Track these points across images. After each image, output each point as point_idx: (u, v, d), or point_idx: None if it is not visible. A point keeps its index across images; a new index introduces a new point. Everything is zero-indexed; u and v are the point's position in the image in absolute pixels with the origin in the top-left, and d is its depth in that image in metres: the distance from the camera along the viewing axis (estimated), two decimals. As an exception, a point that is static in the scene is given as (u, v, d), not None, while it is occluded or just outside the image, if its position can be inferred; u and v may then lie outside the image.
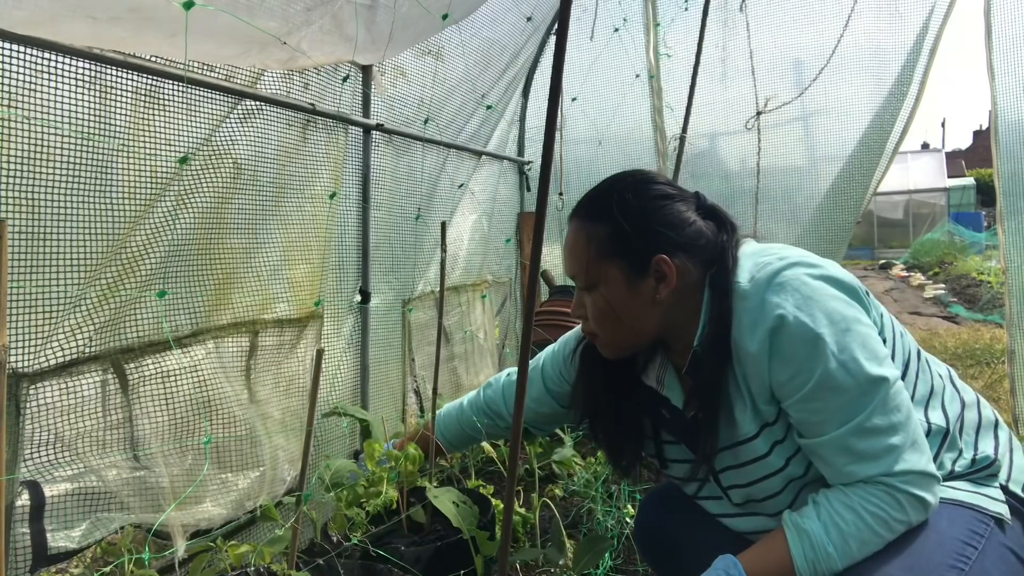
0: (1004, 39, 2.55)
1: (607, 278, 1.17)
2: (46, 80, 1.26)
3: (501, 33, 2.75)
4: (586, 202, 1.23)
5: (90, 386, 1.39)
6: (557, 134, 3.36)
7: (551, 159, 1.05)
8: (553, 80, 1.03)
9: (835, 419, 1.05)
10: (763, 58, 3.15)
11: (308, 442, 1.45)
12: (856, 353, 1.04)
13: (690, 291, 1.16)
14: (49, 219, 1.28)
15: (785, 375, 1.07)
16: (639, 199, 1.17)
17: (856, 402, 1.04)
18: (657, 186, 1.20)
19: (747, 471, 1.18)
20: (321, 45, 1.72)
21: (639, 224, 1.15)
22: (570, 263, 1.24)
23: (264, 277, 1.81)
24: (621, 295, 1.16)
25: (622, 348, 1.24)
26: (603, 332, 1.21)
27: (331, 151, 2.03)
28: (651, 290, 1.15)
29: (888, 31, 2.94)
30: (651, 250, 1.14)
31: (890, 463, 1.03)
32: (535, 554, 1.85)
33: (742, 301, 1.10)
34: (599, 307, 1.18)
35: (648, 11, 3.23)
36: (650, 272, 1.15)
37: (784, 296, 1.06)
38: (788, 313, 1.05)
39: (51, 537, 1.32)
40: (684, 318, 1.18)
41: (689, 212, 1.18)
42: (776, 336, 1.06)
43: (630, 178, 1.22)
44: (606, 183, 1.25)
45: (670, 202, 1.18)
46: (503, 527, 1.12)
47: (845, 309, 1.07)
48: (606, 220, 1.17)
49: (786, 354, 1.06)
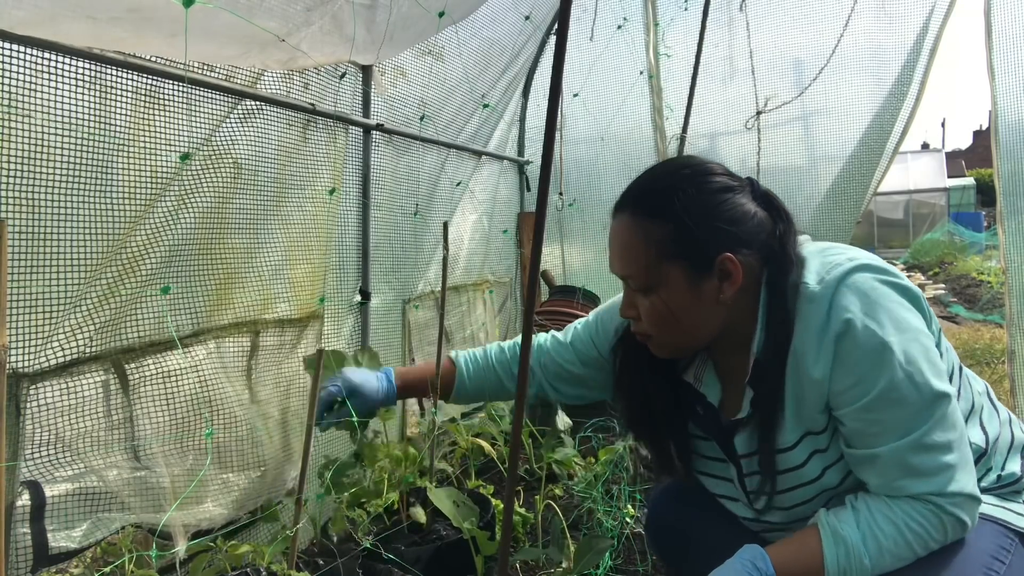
0: (1004, 39, 2.55)
1: (667, 281, 1.10)
2: (46, 80, 1.26)
3: (501, 33, 2.75)
4: (640, 197, 1.14)
5: (91, 386, 1.39)
6: (557, 134, 3.37)
7: (551, 159, 1.05)
8: (553, 80, 1.03)
9: (894, 432, 1.01)
10: (763, 58, 3.15)
11: (308, 442, 1.45)
12: (922, 365, 1.00)
13: (750, 290, 1.11)
14: (49, 219, 1.28)
15: (846, 383, 1.02)
16: (701, 194, 1.09)
17: (917, 416, 1.00)
18: (717, 178, 1.12)
19: (779, 480, 1.14)
20: (321, 45, 1.72)
21: (703, 222, 1.08)
22: (622, 263, 1.15)
23: (265, 277, 1.81)
24: (683, 298, 1.10)
25: (679, 350, 1.18)
26: (660, 334, 1.14)
27: (331, 151, 2.03)
28: (715, 290, 1.09)
29: (888, 31, 2.94)
30: (716, 248, 1.07)
31: (943, 483, 1.00)
32: (535, 554, 1.85)
33: (809, 303, 1.05)
34: (658, 310, 1.11)
35: (648, 11, 3.23)
36: (714, 271, 1.08)
37: (852, 300, 1.01)
38: (856, 318, 1.00)
39: (52, 537, 1.32)
40: (739, 317, 1.12)
41: (749, 203, 1.11)
42: (842, 341, 1.01)
43: (688, 170, 1.14)
44: (661, 176, 1.16)
45: (731, 195, 1.11)
46: (503, 527, 1.12)
47: (912, 319, 1.03)
48: (668, 218, 1.09)
49: (850, 361, 1.01)
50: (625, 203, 1.16)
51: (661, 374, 1.25)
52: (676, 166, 1.17)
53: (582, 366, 1.43)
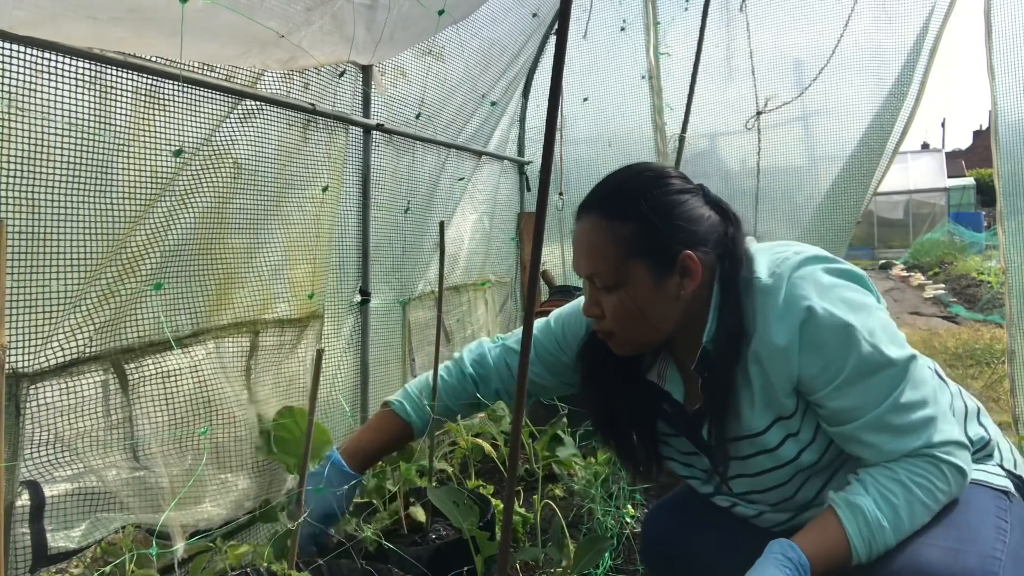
0: (1004, 39, 2.55)
1: (633, 278, 1.15)
2: (46, 80, 1.25)
3: (501, 33, 2.75)
4: (605, 198, 1.20)
5: (90, 386, 1.39)
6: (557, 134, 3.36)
7: (551, 159, 1.05)
8: (553, 80, 1.03)
9: (872, 400, 1.06)
10: (763, 58, 3.15)
11: (308, 442, 1.45)
12: (881, 335, 1.07)
13: (704, 286, 1.17)
14: (49, 219, 1.28)
15: (817, 367, 1.08)
16: (664, 195, 1.16)
17: (890, 381, 1.06)
18: (674, 181, 1.19)
19: (752, 463, 1.19)
20: (321, 45, 1.72)
21: (666, 221, 1.14)
22: (587, 263, 1.20)
23: (264, 277, 1.81)
24: (647, 294, 1.15)
25: (640, 346, 1.23)
26: (623, 331, 1.19)
27: (331, 151, 2.03)
28: (676, 286, 1.15)
29: (888, 31, 2.94)
30: (678, 246, 1.14)
31: (930, 434, 1.05)
32: (535, 554, 1.85)
33: (765, 296, 1.11)
34: (624, 307, 1.16)
35: (648, 11, 3.23)
36: (676, 268, 1.14)
37: (807, 287, 1.08)
38: (815, 304, 1.06)
39: (51, 537, 1.32)
40: (695, 313, 1.18)
41: (702, 207, 1.18)
42: (806, 327, 1.07)
43: (649, 172, 1.20)
44: (623, 179, 1.22)
45: (689, 196, 1.18)
46: (503, 527, 1.12)
47: (863, 298, 1.10)
48: (634, 218, 1.15)
49: (817, 344, 1.07)
50: (591, 205, 1.21)
51: (626, 376, 1.29)
52: (638, 170, 1.22)
53: (550, 376, 1.47)
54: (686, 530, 1.39)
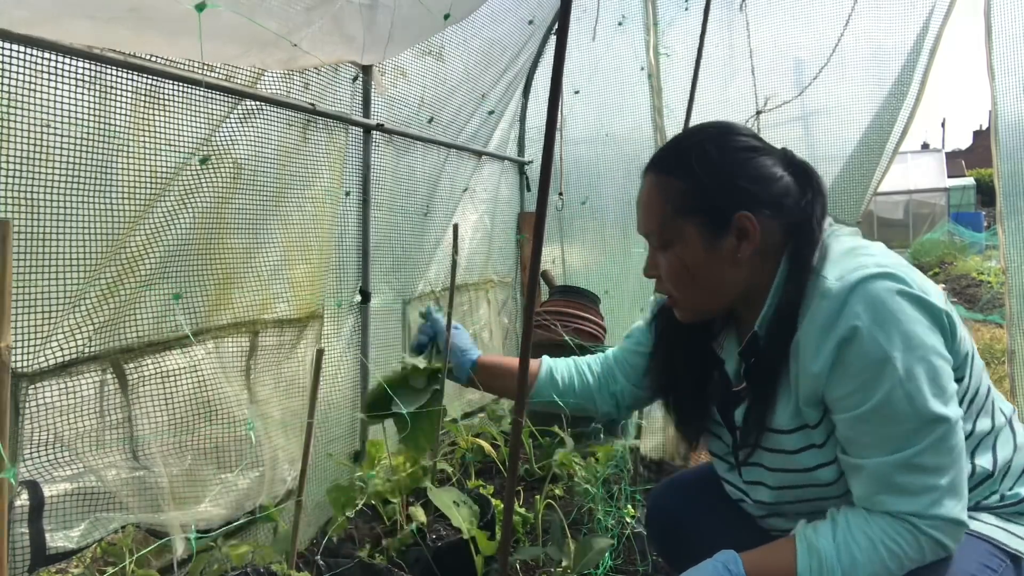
0: (1004, 39, 2.55)
1: (683, 237, 1.10)
2: (46, 80, 1.25)
3: (502, 33, 2.75)
4: (662, 154, 1.17)
5: (89, 386, 1.39)
6: (557, 134, 3.36)
7: (551, 159, 1.05)
8: (553, 80, 1.03)
9: (884, 446, 0.99)
10: (763, 57, 3.15)
11: (308, 442, 1.45)
12: (923, 384, 0.96)
13: (770, 256, 1.10)
14: (49, 219, 1.28)
15: (844, 390, 1.01)
16: (721, 151, 1.10)
17: (910, 436, 0.98)
18: (741, 137, 1.12)
19: (771, 457, 1.15)
20: (321, 45, 1.72)
21: (720, 178, 1.08)
22: (643, 220, 1.16)
23: (264, 277, 1.81)
24: (698, 255, 1.10)
25: (699, 311, 1.17)
26: (679, 293, 1.15)
27: (331, 151, 2.03)
28: (732, 249, 1.08)
29: (888, 31, 2.94)
30: (733, 206, 1.07)
31: (925, 504, 0.98)
32: (535, 554, 1.85)
33: (822, 299, 1.02)
34: (674, 267, 1.12)
35: (648, 11, 3.22)
36: (731, 230, 1.08)
37: (865, 307, 0.98)
38: (864, 326, 0.97)
39: (50, 537, 1.32)
40: (758, 285, 1.11)
41: (775, 167, 1.10)
42: (845, 347, 0.99)
43: (712, 128, 1.15)
44: (685, 133, 1.18)
45: (755, 155, 1.10)
46: (503, 527, 1.12)
47: (925, 335, 0.98)
48: (684, 174, 1.10)
49: (851, 369, 0.99)
50: (650, 163, 1.17)
51: (693, 340, 1.25)
52: (702, 126, 1.17)
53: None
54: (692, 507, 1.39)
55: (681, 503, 1.42)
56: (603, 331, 3.10)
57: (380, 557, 1.64)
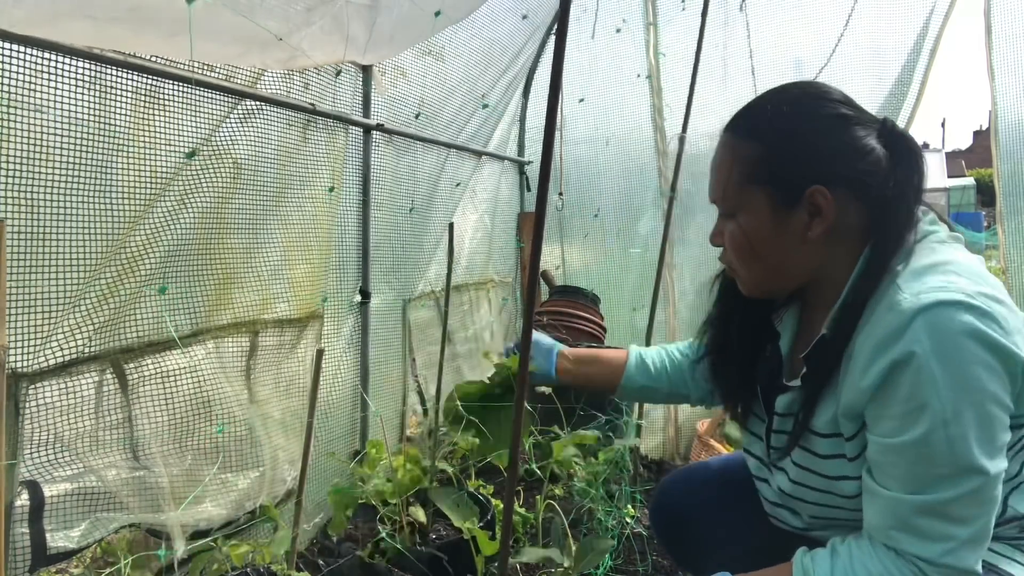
0: (1004, 38, 2.55)
1: (749, 206, 1.02)
2: (46, 80, 1.25)
3: (501, 33, 2.75)
4: (738, 117, 1.08)
5: (89, 386, 1.39)
6: (557, 134, 3.36)
7: (551, 159, 1.04)
8: (553, 80, 1.03)
9: (910, 483, 0.91)
10: (763, 58, 3.15)
11: (308, 442, 1.45)
12: (969, 431, 0.87)
13: (846, 242, 1.00)
14: (49, 219, 1.28)
15: (884, 413, 0.92)
16: (803, 118, 1.00)
17: (941, 481, 0.89)
18: (828, 103, 1.01)
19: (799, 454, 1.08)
20: (321, 45, 1.72)
21: (796, 146, 0.99)
22: (712, 184, 1.09)
23: (264, 277, 1.81)
24: (763, 228, 1.01)
25: (761, 288, 1.09)
26: (740, 266, 1.08)
27: (331, 151, 2.03)
28: (801, 226, 0.99)
29: (888, 31, 2.94)
30: (807, 179, 0.97)
31: (939, 552, 0.89)
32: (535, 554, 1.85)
33: (888, 311, 0.92)
34: (737, 239, 1.04)
35: (648, 11, 3.22)
36: (803, 204, 0.98)
37: (930, 335, 0.87)
38: (921, 353, 0.87)
39: (50, 537, 1.32)
40: (831, 269, 1.02)
41: (869, 138, 0.98)
42: (897, 371, 0.89)
43: (796, 90, 1.05)
44: (767, 93, 1.07)
45: (843, 123, 0.99)
46: (503, 527, 1.12)
47: (986, 379, 0.88)
48: (757, 138, 1.02)
49: (896, 394, 0.90)
50: (728, 123, 1.09)
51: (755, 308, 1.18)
52: (788, 87, 1.07)
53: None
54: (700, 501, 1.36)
55: (689, 496, 1.40)
56: (603, 331, 3.10)
57: (380, 557, 1.64)
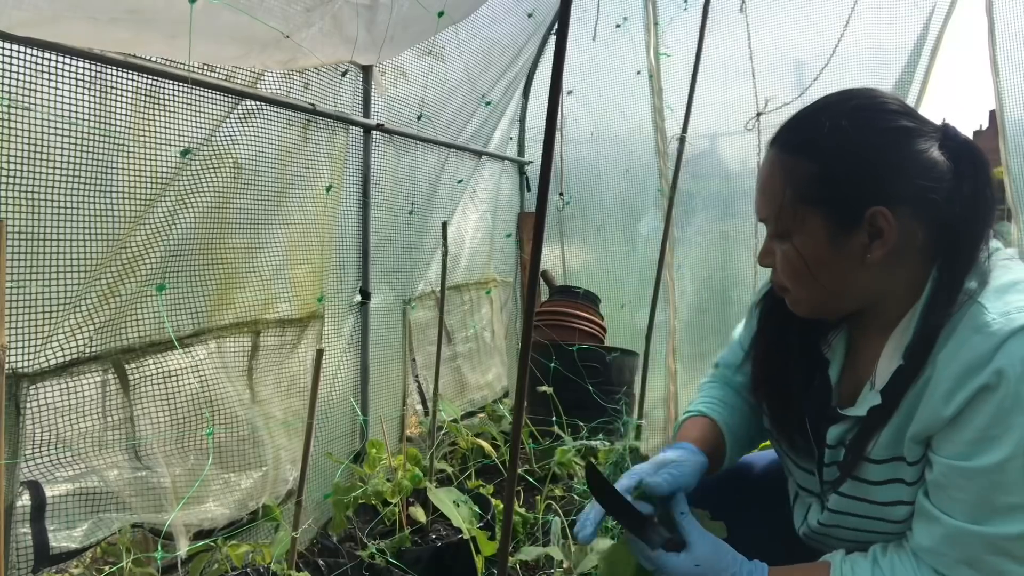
0: (1008, 35, 2.54)
1: (804, 228, 0.95)
2: (46, 80, 1.26)
3: (501, 33, 2.75)
4: (790, 130, 1.00)
5: (91, 386, 1.39)
6: (557, 134, 3.36)
7: (551, 159, 1.04)
8: (553, 80, 1.03)
9: (976, 513, 0.86)
10: (763, 58, 3.15)
11: (308, 442, 1.45)
12: None
13: (913, 258, 0.94)
14: (49, 219, 1.28)
15: (959, 435, 0.87)
16: (862, 132, 0.92)
17: (1011, 513, 0.84)
18: (889, 114, 0.94)
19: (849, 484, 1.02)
20: (321, 45, 1.72)
21: (856, 164, 0.92)
22: (760, 203, 1.02)
23: (265, 277, 1.81)
24: (820, 251, 0.95)
25: (817, 309, 1.03)
26: (795, 288, 1.01)
27: (331, 151, 2.03)
28: (861, 248, 0.93)
29: (888, 31, 2.94)
30: (868, 199, 0.91)
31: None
32: (535, 554, 1.85)
33: (975, 332, 0.86)
34: (790, 261, 0.98)
35: (648, 11, 3.22)
36: (863, 226, 0.92)
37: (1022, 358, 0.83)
38: (1012, 377, 0.82)
39: (52, 537, 1.32)
40: (892, 291, 0.96)
41: (932, 151, 0.91)
42: (984, 394, 0.84)
43: (853, 100, 0.96)
44: (820, 104, 0.99)
45: (905, 137, 0.92)
46: (503, 527, 1.12)
47: None
48: (812, 155, 0.94)
49: (977, 416, 0.85)
50: (776, 136, 1.01)
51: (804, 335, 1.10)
52: (843, 97, 0.99)
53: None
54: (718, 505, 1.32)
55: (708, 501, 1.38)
56: (603, 331, 3.10)
57: (380, 557, 1.64)
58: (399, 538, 1.68)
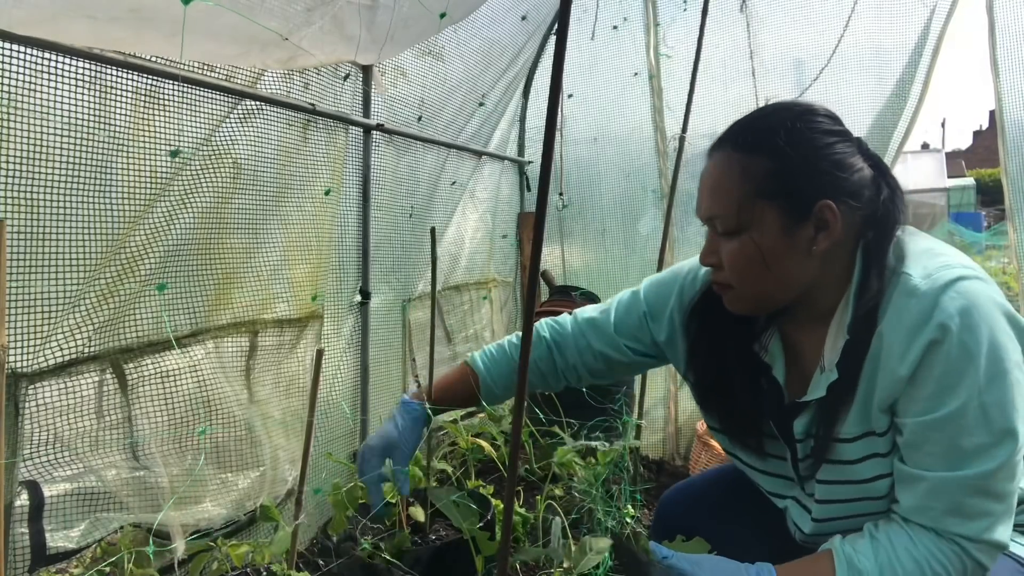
0: (1008, 35, 2.54)
1: (761, 221, 1.01)
2: (46, 80, 1.25)
3: (501, 33, 2.75)
4: (742, 132, 1.06)
5: (89, 386, 1.39)
6: (557, 134, 3.36)
7: (551, 159, 1.04)
8: (553, 80, 1.03)
9: (951, 460, 0.93)
10: (763, 58, 3.15)
11: (308, 442, 1.45)
12: (1003, 396, 0.91)
13: (841, 250, 1.03)
14: (48, 219, 1.28)
15: (919, 393, 0.94)
16: (808, 132, 1.02)
17: (981, 452, 0.92)
18: (823, 119, 1.04)
19: (826, 470, 1.07)
20: (322, 45, 1.72)
21: (806, 161, 1.00)
22: (709, 202, 1.06)
23: (264, 277, 1.81)
24: (775, 242, 1.01)
25: (760, 303, 1.08)
26: (743, 283, 1.06)
27: (331, 151, 2.03)
28: (808, 240, 1.01)
29: (889, 31, 2.94)
30: (817, 193, 0.99)
31: (979, 529, 0.93)
32: (535, 554, 1.85)
33: (908, 297, 0.95)
34: (745, 254, 1.03)
35: (648, 11, 3.22)
36: (811, 218, 1.00)
37: (957, 309, 0.92)
38: (955, 328, 0.91)
39: (50, 537, 1.32)
40: (825, 281, 1.04)
41: (855, 156, 1.03)
42: (932, 349, 0.92)
43: (796, 107, 1.05)
44: (763, 113, 1.08)
45: (838, 140, 1.03)
46: (503, 527, 1.11)
47: (1010, 346, 0.94)
48: (769, 153, 1.01)
49: (932, 371, 0.93)
50: (724, 139, 1.08)
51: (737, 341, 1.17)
52: (784, 104, 1.08)
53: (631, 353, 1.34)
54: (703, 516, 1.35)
55: (693, 510, 1.38)
56: (603, 331, 3.10)
57: (380, 557, 1.63)
58: (399, 538, 1.68)
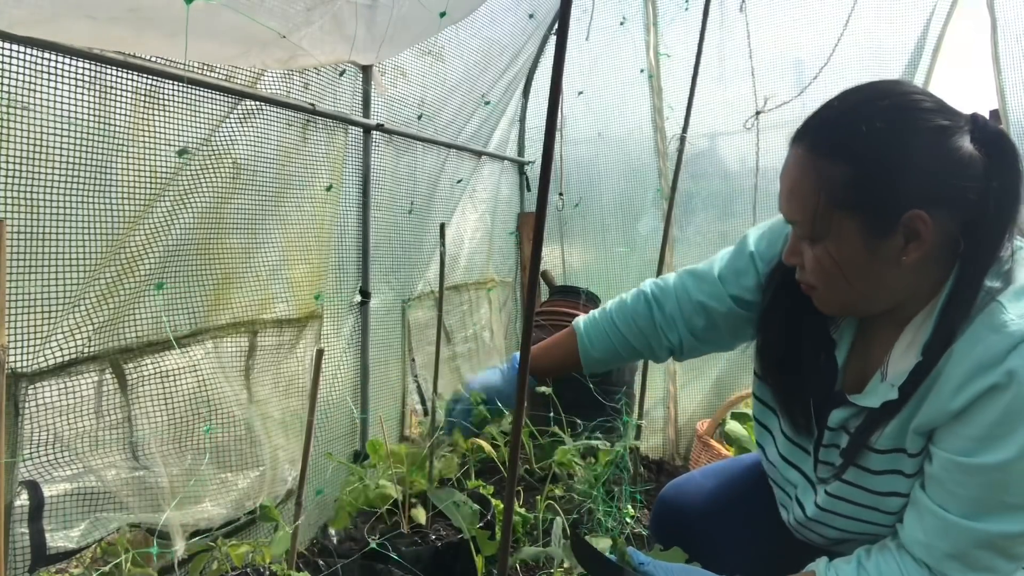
0: (1010, 34, 2.54)
1: (839, 233, 0.91)
2: (46, 80, 1.25)
3: (501, 33, 2.75)
4: (821, 127, 0.95)
5: (89, 386, 1.39)
6: (557, 134, 3.36)
7: (551, 159, 1.04)
8: (553, 80, 1.03)
9: (973, 509, 0.87)
10: (763, 58, 3.15)
11: (308, 442, 1.45)
12: None
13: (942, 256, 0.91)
14: (48, 219, 1.28)
15: (963, 431, 0.87)
16: (897, 132, 0.88)
17: (1010, 513, 0.85)
18: (924, 115, 0.89)
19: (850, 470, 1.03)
20: (321, 45, 1.72)
21: (893, 168, 0.88)
22: (787, 205, 0.97)
23: (263, 277, 1.81)
24: (855, 256, 0.92)
25: (847, 309, 1.01)
26: (826, 291, 0.98)
27: (331, 151, 2.03)
28: (896, 251, 0.90)
29: (889, 31, 2.94)
30: (905, 203, 0.87)
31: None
32: (535, 554, 1.85)
33: (991, 331, 0.85)
34: (823, 264, 0.94)
35: (648, 11, 3.22)
36: (898, 229, 0.89)
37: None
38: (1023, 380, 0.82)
39: (50, 537, 1.32)
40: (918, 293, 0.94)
41: (960, 151, 0.87)
42: (992, 394, 0.84)
43: (886, 100, 0.91)
44: (852, 104, 0.94)
45: (941, 138, 0.88)
46: (503, 527, 1.11)
47: None
48: (847, 159, 0.89)
49: (983, 414, 0.85)
50: (804, 133, 0.97)
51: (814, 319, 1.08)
52: (874, 94, 0.93)
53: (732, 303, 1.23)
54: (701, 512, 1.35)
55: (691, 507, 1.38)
56: (603, 331, 3.10)
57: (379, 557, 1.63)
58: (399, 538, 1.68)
